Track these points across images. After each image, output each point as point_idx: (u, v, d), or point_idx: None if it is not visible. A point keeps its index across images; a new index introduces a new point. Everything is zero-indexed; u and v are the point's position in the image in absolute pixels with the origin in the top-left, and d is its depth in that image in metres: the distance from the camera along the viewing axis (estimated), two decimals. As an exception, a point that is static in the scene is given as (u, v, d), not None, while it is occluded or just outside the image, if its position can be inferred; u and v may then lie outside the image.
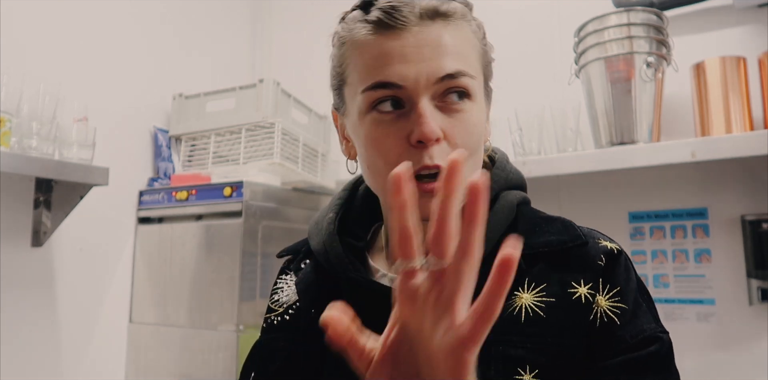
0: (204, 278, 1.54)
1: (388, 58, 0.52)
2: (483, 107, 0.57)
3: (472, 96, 0.54)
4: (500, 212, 0.58)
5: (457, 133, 0.53)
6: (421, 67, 0.52)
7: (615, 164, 1.28)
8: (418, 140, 0.51)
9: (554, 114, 1.46)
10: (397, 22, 0.52)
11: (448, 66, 0.52)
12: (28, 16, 1.42)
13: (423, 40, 0.52)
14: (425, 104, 0.52)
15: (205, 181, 1.61)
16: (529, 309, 0.52)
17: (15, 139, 1.21)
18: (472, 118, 0.54)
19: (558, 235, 0.56)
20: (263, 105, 1.66)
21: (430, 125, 0.50)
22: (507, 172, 0.63)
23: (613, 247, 0.56)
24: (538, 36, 1.67)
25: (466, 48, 0.55)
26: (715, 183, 1.40)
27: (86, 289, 1.53)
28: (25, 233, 1.38)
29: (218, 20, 2.07)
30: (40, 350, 1.40)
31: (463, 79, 0.53)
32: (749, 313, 1.32)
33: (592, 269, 0.54)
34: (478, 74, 0.56)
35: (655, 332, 0.52)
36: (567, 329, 0.51)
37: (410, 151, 0.52)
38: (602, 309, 0.52)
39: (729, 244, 1.36)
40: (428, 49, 0.52)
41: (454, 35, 0.54)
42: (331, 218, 0.65)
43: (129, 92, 1.70)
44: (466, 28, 0.56)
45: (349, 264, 0.60)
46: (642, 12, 1.31)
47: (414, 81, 0.52)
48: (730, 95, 1.27)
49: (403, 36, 0.52)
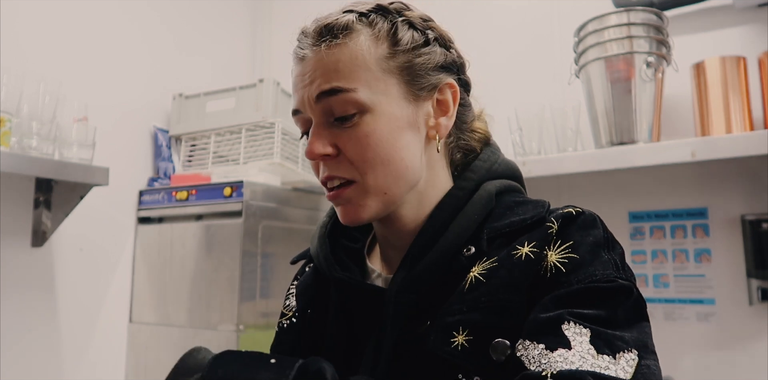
0: (204, 278, 1.54)
1: (293, 88, 0.60)
2: (393, 110, 0.57)
3: (364, 109, 0.55)
4: (477, 202, 0.59)
5: (349, 147, 0.56)
6: (305, 91, 0.58)
7: (615, 164, 1.28)
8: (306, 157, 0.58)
9: (554, 114, 1.46)
10: (299, 54, 0.59)
11: (322, 85, 0.56)
12: (29, 15, 1.42)
13: (309, 66, 0.57)
14: (315, 125, 0.58)
15: (205, 181, 1.61)
16: (473, 279, 0.53)
17: (15, 139, 1.21)
18: (364, 129, 0.56)
19: (522, 215, 0.57)
20: (263, 105, 1.66)
21: (310, 145, 0.57)
22: (490, 163, 0.63)
23: (572, 210, 0.55)
24: (539, 36, 1.67)
25: (347, 62, 0.56)
26: (715, 183, 1.40)
27: (86, 289, 1.53)
28: (25, 233, 1.38)
29: (218, 20, 2.07)
30: (41, 349, 1.40)
31: (341, 95, 0.55)
32: (749, 313, 1.32)
33: (540, 232, 0.54)
34: (370, 83, 0.56)
35: (609, 276, 0.49)
36: (504, 286, 0.51)
37: (315, 167, 0.60)
38: (551, 262, 0.51)
39: (729, 244, 1.36)
40: (310, 74, 0.57)
41: (334, 54, 0.56)
42: (324, 221, 0.69)
43: (129, 92, 1.70)
44: (358, 39, 0.57)
45: (336, 264, 0.62)
46: (642, 12, 1.31)
47: (303, 105, 0.58)
48: (730, 95, 1.27)
49: (302, 65, 0.59)
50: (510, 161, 0.66)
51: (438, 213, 0.59)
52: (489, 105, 0.68)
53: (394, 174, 0.57)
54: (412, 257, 0.57)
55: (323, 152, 0.56)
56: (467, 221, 0.57)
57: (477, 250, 0.55)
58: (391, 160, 0.56)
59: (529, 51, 1.68)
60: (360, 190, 0.57)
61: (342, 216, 0.59)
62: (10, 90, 1.20)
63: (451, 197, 0.60)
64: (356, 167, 0.56)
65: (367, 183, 0.56)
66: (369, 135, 0.56)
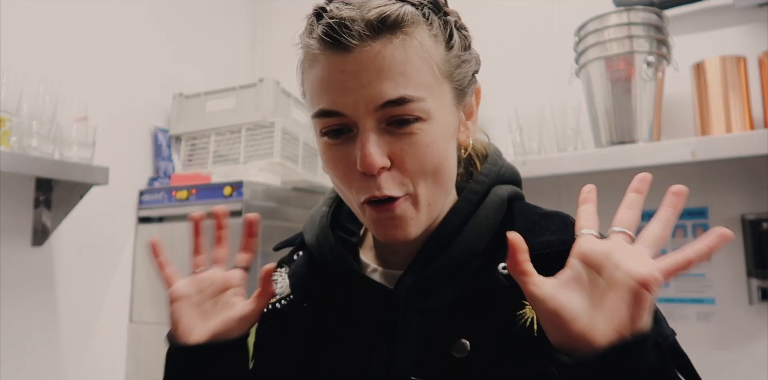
0: (204, 277, 1.54)
1: (327, 85, 0.50)
2: (446, 118, 0.54)
3: (426, 118, 0.51)
4: (490, 207, 0.57)
5: (407, 157, 0.50)
6: (359, 95, 0.49)
7: (615, 164, 1.28)
8: (361, 171, 0.50)
9: (554, 113, 1.46)
10: (340, 43, 0.49)
11: (389, 92, 0.48)
12: (29, 15, 1.42)
13: (362, 63, 0.48)
14: (367, 132, 0.50)
15: (205, 180, 1.61)
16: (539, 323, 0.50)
17: (15, 138, 1.21)
18: (424, 138, 0.51)
19: (559, 234, 0.54)
20: (263, 104, 1.66)
21: (370, 157, 0.49)
22: (499, 166, 0.62)
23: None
24: (539, 35, 1.67)
25: (416, 65, 0.50)
26: (715, 183, 1.40)
27: (86, 288, 1.53)
28: (25, 233, 1.38)
29: (218, 20, 2.07)
30: (41, 349, 1.40)
31: (409, 105, 0.49)
32: (749, 312, 1.32)
33: None
34: (434, 90, 0.51)
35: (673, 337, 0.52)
36: None
37: (361, 179, 0.51)
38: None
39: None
40: (366, 74, 0.48)
41: (398, 52, 0.49)
42: (324, 211, 0.65)
43: (129, 92, 1.69)
44: (421, 36, 0.51)
45: (342, 258, 0.59)
46: (642, 11, 1.31)
47: (353, 109, 0.49)
48: (730, 95, 1.27)
49: (345, 59, 0.49)
50: (513, 166, 0.65)
51: (452, 217, 0.57)
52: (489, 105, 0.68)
53: (440, 185, 0.54)
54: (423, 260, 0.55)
55: (384, 164, 0.50)
56: (479, 225, 0.56)
57: None
58: (440, 170, 0.53)
59: (529, 51, 1.68)
60: (411, 203, 0.52)
61: (386, 232, 0.53)
62: (10, 90, 1.20)
63: (466, 201, 0.58)
64: (411, 179, 0.51)
65: (418, 195, 0.52)
66: (429, 145, 0.51)
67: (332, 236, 0.62)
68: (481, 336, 0.50)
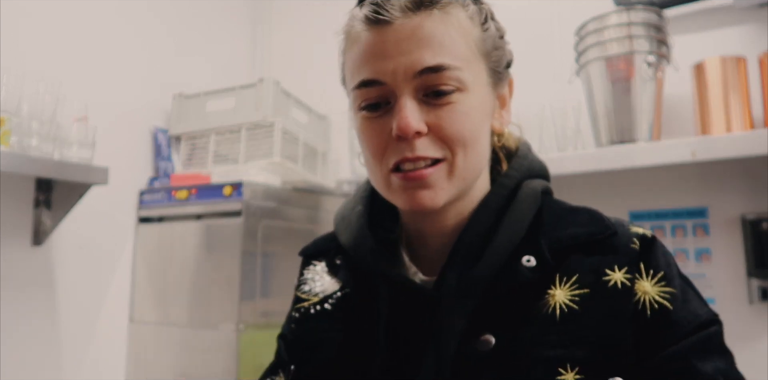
0: (204, 277, 1.54)
1: (369, 56, 0.53)
2: (482, 94, 0.55)
3: (463, 88, 0.52)
4: (524, 201, 0.56)
5: (444, 124, 0.51)
6: (398, 62, 0.51)
7: (615, 164, 1.28)
8: (397, 134, 0.51)
9: (554, 113, 1.46)
10: (381, 18, 0.51)
11: (426, 59, 0.50)
12: (28, 15, 1.42)
13: (402, 33, 0.51)
14: (405, 99, 0.51)
15: (205, 180, 1.61)
16: (564, 305, 0.50)
17: (15, 138, 1.21)
18: (463, 107, 0.52)
19: (586, 227, 0.55)
20: (263, 104, 1.66)
21: (406, 119, 0.50)
22: (529, 161, 0.62)
23: (646, 232, 0.54)
24: (539, 35, 1.67)
25: (453, 37, 0.52)
26: (715, 182, 1.40)
27: (86, 288, 1.53)
28: (25, 233, 1.38)
29: (218, 20, 2.07)
30: (41, 349, 1.40)
31: (446, 73, 0.51)
32: (749, 312, 1.32)
33: (626, 254, 0.52)
34: (470, 63, 0.53)
35: (710, 314, 0.52)
36: (605, 319, 0.49)
37: (393, 145, 0.52)
38: (651, 296, 0.50)
39: (729, 243, 1.36)
40: (406, 43, 0.51)
41: (437, 25, 0.51)
42: (360, 211, 0.64)
43: (129, 92, 1.69)
44: (458, 15, 0.53)
45: (383, 260, 0.58)
46: (642, 11, 1.30)
47: (392, 76, 0.51)
48: (730, 95, 1.27)
49: (386, 31, 0.52)
50: (542, 161, 0.65)
51: (483, 211, 0.56)
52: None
53: (476, 158, 0.55)
54: (462, 257, 0.54)
55: (420, 128, 0.51)
56: (517, 221, 0.55)
57: (540, 262, 0.52)
58: (476, 143, 0.54)
59: (529, 50, 1.67)
60: (447, 170, 0.53)
61: (414, 201, 0.53)
62: (10, 90, 1.20)
63: (496, 195, 0.57)
64: (449, 146, 0.52)
65: (456, 163, 0.52)
66: (468, 113, 0.52)
67: (371, 236, 0.60)
68: (504, 331, 0.51)
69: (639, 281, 0.51)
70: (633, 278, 0.51)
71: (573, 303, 0.50)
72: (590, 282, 0.51)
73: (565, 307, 0.50)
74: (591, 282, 0.51)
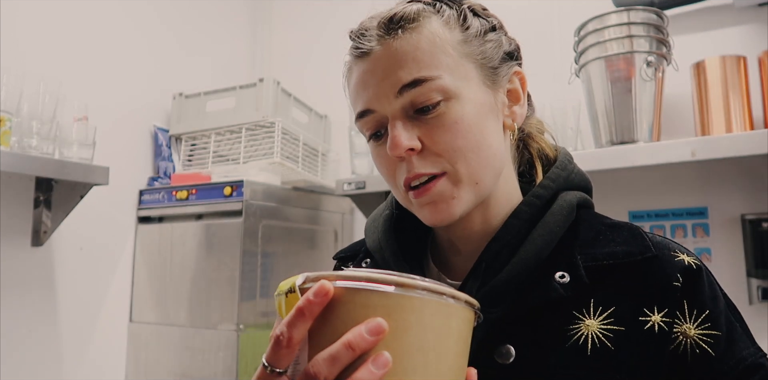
0: (204, 277, 1.54)
1: (359, 88, 0.55)
2: (477, 96, 0.54)
3: (449, 95, 0.52)
4: (558, 213, 0.55)
5: (436, 137, 0.52)
6: (379, 88, 0.53)
7: (615, 164, 1.28)
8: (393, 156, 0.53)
9: (554, 113, 1.46)
10: (361, 50, 0.54)
11: (403, 78, 0.52)
12: (29, 15, 1.42)
13: (379, 60, 0.53)
14: (394, 120, 0.53)
15: (205, 180, 1.61)
16: (596, 338, 0.48)
17: (15, 138, 1.21)
18: (451, 116, 0.52)
19: (624, 245, 0.52)
20: (263, 104, 1.66)
21: (395, 140, 0.52)
22: (568, 171, 0.60)
23: (691, 261, 0.51)
24: (538, 35, 1.67)
25: (425, 49, 0.52)
26: (715, 182, 1.40)
27: (87, 288, 1.53)
28: (25, 233, 1.38)
29: (218, 20, 2.07)
30: (41, 349, 1.40)
31: (425, 85, 0.51)
32: (749, 312, 1.32)
33: (667, 291, 0.49)
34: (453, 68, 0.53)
35: (756, 358, 0.48)
36: (638, 364, 0.47)
37: (399, 166, 0.55)
38: (692, 339, 0.48)
39: (729, 243, 1.36)
40: (382, 68, 0.53)
41: (408, 43, 0.52)
42: (388, 215, 0.64)
43: (129, 91, 1.70)
44: (430, 26, 0.53)
45: (405, 263, 0.58)
46: (642, 11, 1.30)
47: (378, 102, 0.53)
48: (731, 94, 1.26)
49: (368, 61, 0.54)
50: (584, 172, 0.63)
51: (514, 221, 0.55)
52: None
53: (484, 161, 0.54)
54: (487, 266, 0.53)
55: (410, 145, 0.52)
56: (548, 233, 0.53)
57: (573, 279, 0.51)
58: (481, 146, 0.53)
59: (529, 50, 1.67)
60: (452, 181, 0.53)
61: (430, 215, 0.54)
62: (10, 90, 1.20)
63: (529, 205, 0.56)
64: (446, 158, 0.52)
65: (460, 173, 0.52)
66: (458, 121, 0.52)
67: (394, 239, 0.61)
68: (528, 345, 0.50)
69: (683, 324, 0.49)
70: (672, 322, 0.49)
71: (605, 339, 0.48)
72: (626, 320, 0.49)
73: (596, 341, 0.48)
74: (627, 320, 0.49)
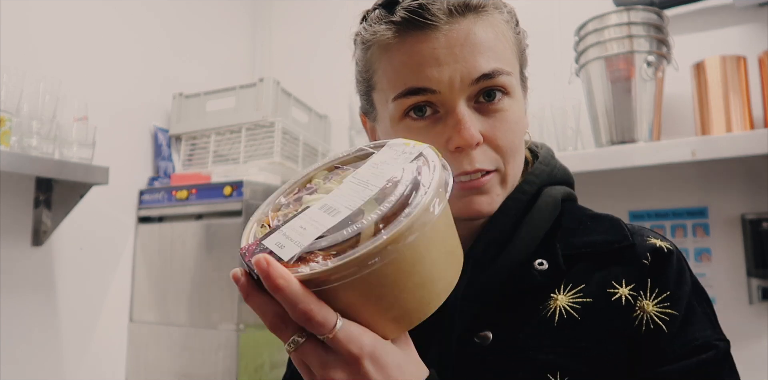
0: (204, 277, 1.54)
1: (419, 62, 0.50)
2: (521, 101, 0.55)
3: (511, 93, 0.52)
4: (544, 209, 0.55)
5: (498, 134, 0.51)
6: (455, 69, 0.49)
7: (615, 163, 1.28)
8: (458, 146, 0.50)
9: (554, 113, 1.46)
10: (425, 22, 0.49)
11: (483, 65, 0.49)
12: (29, 15, 1.42)
13: (454, 39, 0.49)
14: (462, 108, 0.50)
15: (205, 180, 1.61)
16: (563, 311, 0.49)
17: (15, 138, 1.21)
18: (512, 116, 0.52)
19: (604, 235, 0.53)
20: (263, 104, 1.66)
21: (470, 131, 0.49)
22: (551, 167, 0.61)
23: (663, 245, 0.52)
24: (539, 35, 1.67)
25: (501, 42, 0.52)
26: (715, 182, 1.40)
27: (87, 288, 1.53)
28: (25, 233, 1.38)
29: (218, 20, 2.07)
30: (41, 349, 1.40)
31: (500, 77, 0.50)
32: (749, 312, 1.32)
33: (636, 268, 0.51)
34: (514, 68, 0.53)
35: (709, 340, 0.48)
36: (604, 333, 0.48)
37: (449, 156, 0.50)
38: (649, 315, 0.49)
39: (729, 243, 1.36)
40: (460, 49, 0.49)
41: (486, 30, 0.50)
42: None
43: (129, 91, 1.69)
44: (499, 19, 0.53)
45: None
46: (642, 11, 1.30)
47: (448, 85, 0.49)
48: (731, 94, 1.27)
49: (433, 36, 0.49)
50: (566, 167, 0.63)
51: (501, 217, 0.55)
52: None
53: (520, 165, 0.55)
54: (474, 262, 0.53)
55: (480, 139, 0.50)
56: (535, 229, 0.54)
57: (552, 266, 0.52)
58: (522, 150, 0.54)
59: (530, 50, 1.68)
60: (499, 179, 0.53)
61: (474, 206, 0.52)
62: (10, 89, 1.20)
63: (515, 200, 0.55)
64: (501, 155, 0.52)
65: (508, 171, 0.53)
66: (518, 122, 0.52)
67: None
68: (503, 328, 0.51)
69: (644, 300, 0.49)
70: (637, 296, 0.49)
71: (573, 311, 0.49)
72: (596, 293, 0.50)
73: (564, 313, 0.49)
74: (596, 293, 0.50)
